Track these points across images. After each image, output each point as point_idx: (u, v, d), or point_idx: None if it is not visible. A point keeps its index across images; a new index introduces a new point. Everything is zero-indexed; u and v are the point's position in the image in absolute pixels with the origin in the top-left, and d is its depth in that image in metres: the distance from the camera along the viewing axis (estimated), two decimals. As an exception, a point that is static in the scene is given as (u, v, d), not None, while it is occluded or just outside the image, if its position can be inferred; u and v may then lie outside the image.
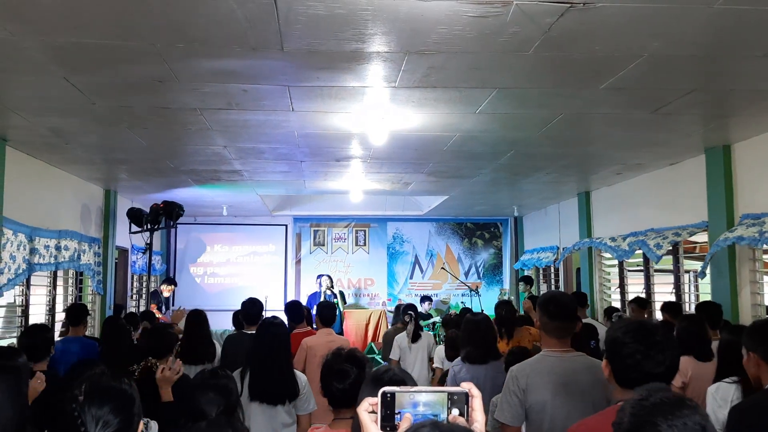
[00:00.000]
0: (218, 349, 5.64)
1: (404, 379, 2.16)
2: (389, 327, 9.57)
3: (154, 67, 3.85)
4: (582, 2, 2.97)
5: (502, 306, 5.81)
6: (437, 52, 3.62)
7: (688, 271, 8.01)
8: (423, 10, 3.05)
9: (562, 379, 2.91)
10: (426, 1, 2.96)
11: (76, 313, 5.53)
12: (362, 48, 3.56)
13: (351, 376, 2.64)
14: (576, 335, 3.50)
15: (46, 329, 4.46)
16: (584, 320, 6.05)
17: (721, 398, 3.23)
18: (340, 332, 9.85)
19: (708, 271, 5.82)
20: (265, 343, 3.97)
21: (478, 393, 1.18)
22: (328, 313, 5.46)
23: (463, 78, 4.12)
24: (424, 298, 11.18)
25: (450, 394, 1.17)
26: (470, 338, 4.54)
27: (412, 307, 6.51)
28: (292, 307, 6.15)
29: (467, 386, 1.18)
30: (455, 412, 1.16)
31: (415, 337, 6.23)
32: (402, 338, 6.29)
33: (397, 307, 7.52)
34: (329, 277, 11.08)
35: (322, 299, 10.51)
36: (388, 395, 1.16)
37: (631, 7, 3.04)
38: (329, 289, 10.82)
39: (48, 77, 4.04)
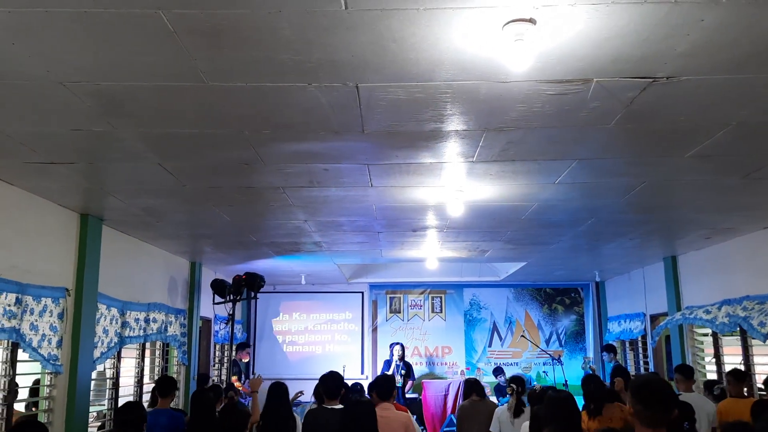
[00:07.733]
0: (298, 422, 5.63)
1: None
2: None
3: (242, 152, 4.04)
4: (665, 76, 2.93)
5: (591, 380, 5.52)
6: (516, 129, 3.64)
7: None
8: (502, 90, 3.09)
9: None
10: (505, 83, 3.00)
11: (166, 385, 5.68)
12: (440, 127, 3.62)
13: None
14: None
15: (139, 407, 4.64)
16: (680, 396, 5.65)
17: None
18: (406, 403, 9.59)
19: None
20: (353, 425, 3.94)
21: None
22: (383, 385, 5.24)
23: (541, 151, 4.10)
24: (498, 370, 10.82)
25: None
26: (555, 417, 4.31)
27: (516, 380, 6.19)
28: (378, 384, 5.56)
29: None
30: None
31: (517, 412, 5.97)
32: (502, 412, 6.05)
33: (466, 381, 7.19)
34: (402, 346, 10.90)
35: (392, 368, 10.52)
36: None
37: (717, 78, 2.97)
38: (400, 359, 10.66)
39: (144, 164, 4.30)
